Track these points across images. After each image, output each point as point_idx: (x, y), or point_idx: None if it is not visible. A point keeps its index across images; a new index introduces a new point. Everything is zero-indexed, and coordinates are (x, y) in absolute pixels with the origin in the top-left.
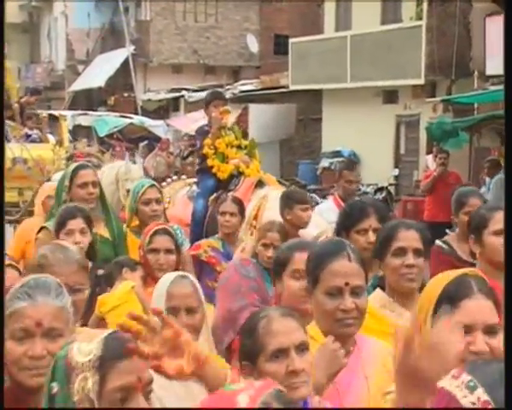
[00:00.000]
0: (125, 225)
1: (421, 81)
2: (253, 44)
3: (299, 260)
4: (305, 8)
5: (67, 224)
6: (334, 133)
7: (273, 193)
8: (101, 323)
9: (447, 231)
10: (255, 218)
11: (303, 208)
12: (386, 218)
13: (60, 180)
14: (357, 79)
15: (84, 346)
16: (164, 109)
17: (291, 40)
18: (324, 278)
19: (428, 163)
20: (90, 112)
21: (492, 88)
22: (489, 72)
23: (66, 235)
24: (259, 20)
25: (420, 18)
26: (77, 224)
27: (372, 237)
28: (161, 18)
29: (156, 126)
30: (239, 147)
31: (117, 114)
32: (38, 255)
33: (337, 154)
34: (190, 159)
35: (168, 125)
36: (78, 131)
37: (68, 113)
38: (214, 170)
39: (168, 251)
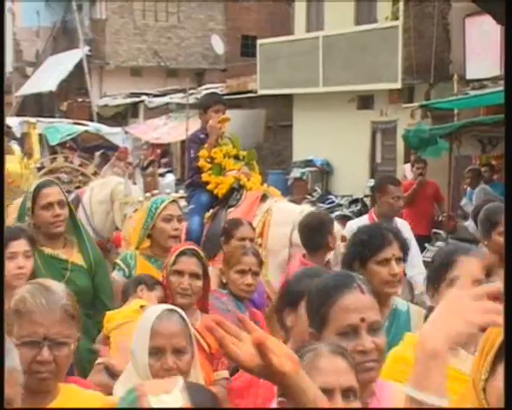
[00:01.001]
0: (132, 248)
1: (398, 85)
2: (219, 46)
3: None
4: (274, 7)
5: (9, 246)
6: (306, 141)
7: (277, 205)
8: (107, 341)
9: (426, 245)
10: (260, 235)
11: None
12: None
13: (22, 202)
14: (329, 83)
15: (165, 398)
16: (122, 116)
17: (259, 41)
18: (335, 317)
19: (406, 173)
20: (41, 118)
21: (473, 93)
22: (469, 76)
23: (9, 259)
24: (225, 20)
25: (396, 18)
26: (19, 245)
27: (396, 268)
28: (118, 16)
29: (113, 134)
30: (236, 157)
31: (70, 120)
32: (16, 299)
33: (309, 163)
34: (151, 169)
35: (126, 132)
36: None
37: (16, 120)
38: (210, 187)
39: (194, 275)
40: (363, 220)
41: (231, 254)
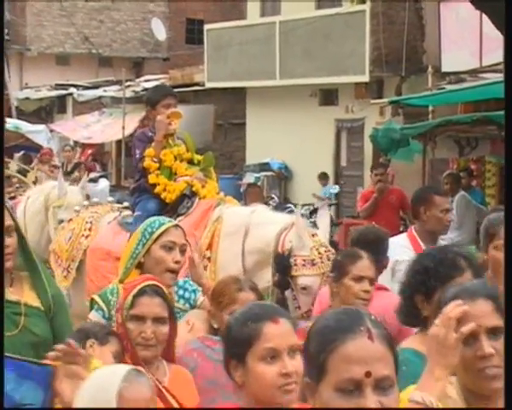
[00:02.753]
0: (116, 281)
1: (366, 78)
2: (160, 31)
3: None
4: None
5: None
6: (261, 142)
7: (228, 211)
8: None
9: None
10: (209, 247)
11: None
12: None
13: None
14: (288, 75)
15: None
16: (46, 111)
17: (206, 26)
18: (335, 367)
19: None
20: None
21: (449, 87)
22: (445, 68)
23: None
24: (168, 1)
25: (363, 1)
26: None
27: None
28: None
29: (36, 132)
30: (190, 162)
31: None
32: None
33: (265, 167)
34: (76, 174)
35: (52, 130)
36: None
37: None
38: (158, 189)
39: (158, 320)
40: (402, 240)
41: (222, 292)
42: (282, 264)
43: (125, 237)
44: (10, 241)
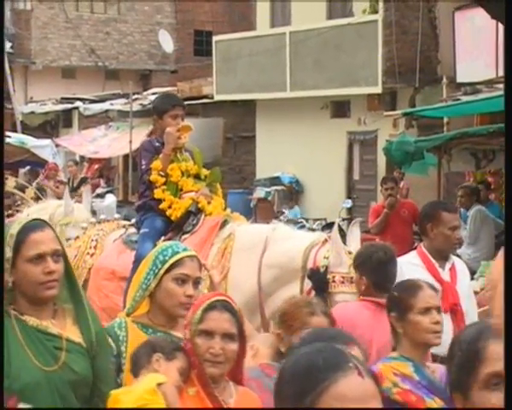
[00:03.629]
0: (121, 314)
1: (379, 90)
2: (168, 43)
3: None
4: None
5: None
6: (272, 155)
7: (241, 228)
8: None
9: None
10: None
11: None
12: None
13: None
14: (298, 87)
15: None
16: (52, 125)
17: (215, 38)
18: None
19: None
20: None
21: (465, 98)
22: (460, 78)
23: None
24: (175, 12)
25: (375, 11)
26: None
27: None
28: (46, 7)
29: (41, 147)
30: (197, 176)
31: None
32: None
33: (275, 181)
34: (82, 190)
35: (57, 145)
36: None
37: None
38: (163, 206)
39: (228, 336)
40: (413, 258)
41: (293, 315)
42: (319, 280)
43: (129, 255)
44: (57, 267)
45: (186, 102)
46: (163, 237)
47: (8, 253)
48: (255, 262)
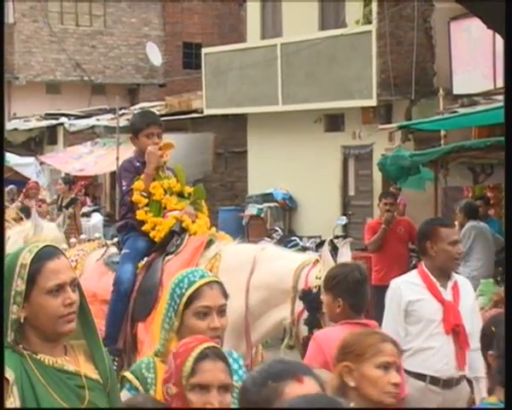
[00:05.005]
0: (150, 353)
1: (373, 102)
2: (155, 56)
3: None
4: (223, 8)
5: None
6: (264, 171)
7: (227, 248)
8: None
9: None
10: None
11: None
12: None
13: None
14: (290, 100)
15: None
16: (36, 142)
17: (204, 50)
18: None
19: None
20: None
21: (462, 111)
22: (457, 90)
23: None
24: (163, 24)
25: (369, 21)
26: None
27: None
28: (29, 20)
29: (25, 165)
30: (180, 194)
31: None
32: None
33: (268, 197)
34: (71, 210)
35: (42, 163)
36: None
37: None
38: (146, 228)
39: (223, 388)
40: (413, 278)
41: (363, 343)
42: (312, 301)
43: (111, 277)
44: (76, 297)
45: (175, 117)
46: (146, 258)
47: (21, 285)
48: (242, 283)
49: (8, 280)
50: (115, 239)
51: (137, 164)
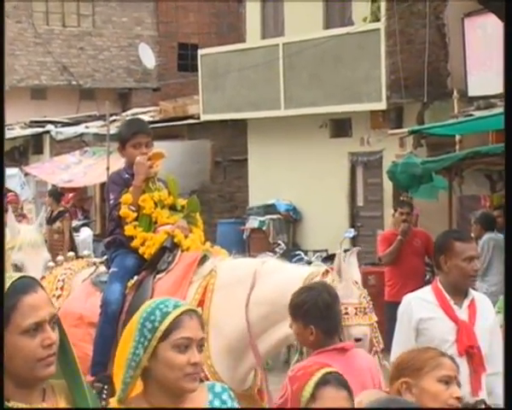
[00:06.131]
0: (113, 401)
1: (383, 106)
2: (149, 58)
3: None
4: (221, 6)
5: None
6: (265, 181)
7: (224, 264)
8: None
9: None
10: (200, 304)
11: None
12: None
13: None
14: (294, 104)
15: None
16: (20, 152)
17: (201, 51)
18: None
19: None
20: None
21: (478, 114)
22: (472, 92)
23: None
24: (156, 24)
25: (377, 19)
26: None
27: None
28: (13, 21)
29: (9, 177)
30: (173, 207)
31: None
32: None
33: (270, 209)
34: (58, 224)
35: (27, 174)
36: None
37: None
38: (135, 243)
39: None
40: (426, 295)
41: (421, 357)
42: None
43: (98, 298)
44: (55, 336)
45: (169, 124)
46: (135, 277)
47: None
48: (241, 300)
49: None
50: (105, 257)
51: (126, 176)
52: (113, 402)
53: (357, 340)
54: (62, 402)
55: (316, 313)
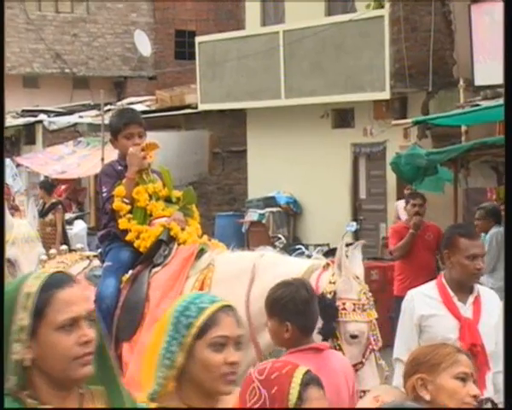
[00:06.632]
0: (143, 398)
1: (386, 95)
2: (145, 45)
3: None
4: None
5: None
6: (265, 172)
7: (221, 257)
8: None
9: None
10: None
11: None
12: None
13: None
14: (294, 93)
15: None
16: (12, 142)
17: (198, 39)
18: None
19: (400, 213)
20: None
21: (485, 104)
22: (479, 81)
23: None
24: (152, 10)
25: (381, 6)
26: None
27: None
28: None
29: None
30: (167, 199)
31: None
32: None
33: (270, 202)
34: (51, 216)
35: (18, 165)
36: None
37: None
38: (130, 237)
39: None
40: (429, 290)
41: (438, 352)
42: (327, 307)
43: (92, 293)
44: (93, 334)
45: (166, 113)
46: (130, 271)
47: (26, 319)
48: (241, 294)
49: (9, 313)
50: (99, 250)
51: (119, 168)
52: (142, 399)
53: (353, 337)
54: (98, 403)
55: (292, 309)
